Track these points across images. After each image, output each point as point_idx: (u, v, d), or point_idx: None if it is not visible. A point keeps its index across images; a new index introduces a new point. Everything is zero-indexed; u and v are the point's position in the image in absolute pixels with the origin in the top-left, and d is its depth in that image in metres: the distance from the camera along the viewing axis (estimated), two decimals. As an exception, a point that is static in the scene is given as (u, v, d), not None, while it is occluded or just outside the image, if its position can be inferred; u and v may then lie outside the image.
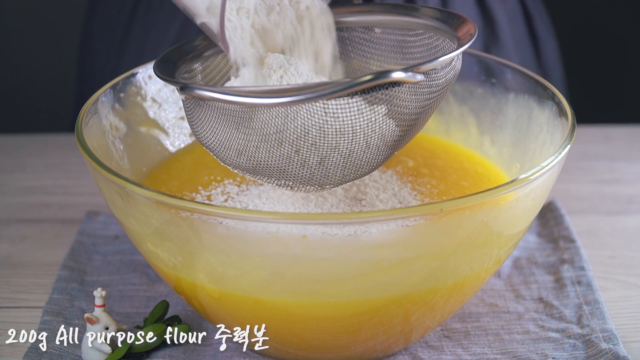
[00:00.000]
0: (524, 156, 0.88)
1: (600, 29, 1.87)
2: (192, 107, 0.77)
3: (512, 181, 0.72)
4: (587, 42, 1.87)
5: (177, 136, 0.93)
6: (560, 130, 0.82)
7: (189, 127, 0.89)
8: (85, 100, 0.85)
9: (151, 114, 0.92)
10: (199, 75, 0.84)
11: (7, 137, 1.21)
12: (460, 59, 0.79)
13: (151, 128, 0.92)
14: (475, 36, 0.77)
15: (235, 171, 0.79)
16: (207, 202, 0.85)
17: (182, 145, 0.93)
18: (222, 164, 0.79)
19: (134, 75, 0.91)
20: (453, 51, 0.75)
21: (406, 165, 0.90)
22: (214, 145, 0.77)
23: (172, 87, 0.92)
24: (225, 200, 0.85)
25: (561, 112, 0.83)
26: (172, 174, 0.90)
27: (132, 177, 0.87)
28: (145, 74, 0.91)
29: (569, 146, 0.78)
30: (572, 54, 1.68)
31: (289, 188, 0.77)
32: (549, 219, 1.00)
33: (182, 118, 0.93)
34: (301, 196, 0.83)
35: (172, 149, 0.93)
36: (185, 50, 0.83)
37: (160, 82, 0.92)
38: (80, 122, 0.82)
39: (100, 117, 0.86)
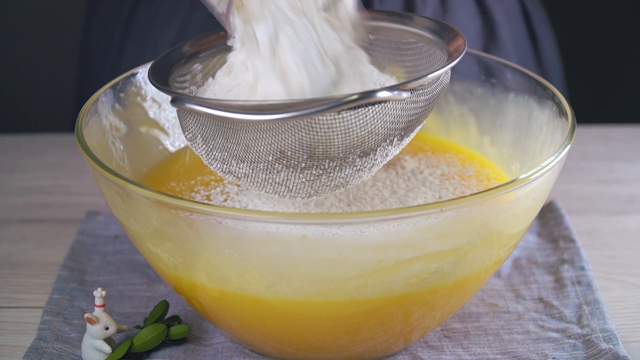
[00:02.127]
0: (524, 156, 0.88)
1: (600, 28, 1.87)
2: (183, 114, 0.77)
3: (512, 181, 0.72)
4: (586, 41, 1.87)
5: (177, 136, 0.93)
6: (560, 130, 0.82)
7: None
8: (85, 100, 0.85)
9: (151, 114, 0.92)
10: (199, 75, 0.84)
11: (6, 137, 1.21)
12: (449, 74, 0.80)
13: (151, 128, 0.92)
14: (464, 53, 0.78)
15: (225, 177, 0.79)
16: (206, 202, 0.85)
17: (182, 145, 0.93)
18: (213, 170, 0.79)
19: (134, 75, 0.91)
20: (440, 68, 0.76)
21: (406, 165, 0.90)
22: (204, 152, 0.78)
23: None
24: (225, 200, 0.85)
25: (561, 112, 0.83)
26: (172, 174, 0.90)
27: (132, 177, 0.87)
28: (145, 74, 0.91)
29: (569, 146, 0.78)
30: (571, 54, 1.68)
31: (277, 195, 0.77)
32: (549, 219, 1.00)
33: (182, 118, 0.93)
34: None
35: (172, 149, 0.93)
36: (177, 56, 0.83)
37: (160, 83, 0.92)
38: (80, 122, 0.82)
39: (100, 117, 0.86)
